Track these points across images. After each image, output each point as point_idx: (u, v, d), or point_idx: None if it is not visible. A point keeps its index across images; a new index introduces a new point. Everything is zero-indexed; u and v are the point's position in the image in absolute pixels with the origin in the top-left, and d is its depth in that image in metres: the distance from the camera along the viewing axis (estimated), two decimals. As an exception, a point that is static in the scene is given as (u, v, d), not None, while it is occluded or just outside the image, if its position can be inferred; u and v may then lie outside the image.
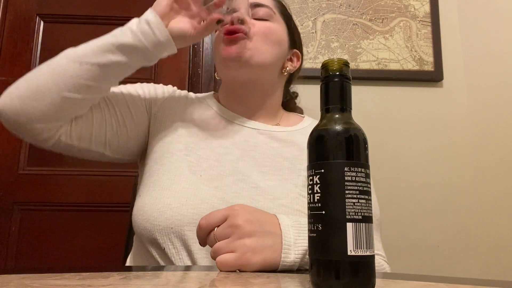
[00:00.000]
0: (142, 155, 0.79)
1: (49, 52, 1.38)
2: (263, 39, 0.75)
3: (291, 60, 0.85)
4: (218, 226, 0.52)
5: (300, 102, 0.96)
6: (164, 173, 0.70)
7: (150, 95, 0.79)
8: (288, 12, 0.85)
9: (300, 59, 0.87)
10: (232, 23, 0.72)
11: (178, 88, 0.85)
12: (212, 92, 0.90)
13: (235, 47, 0.73)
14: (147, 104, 0.78)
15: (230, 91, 0.81)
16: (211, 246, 0.52)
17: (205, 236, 0.53)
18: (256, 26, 0.75)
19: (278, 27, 0.79)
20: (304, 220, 0.51)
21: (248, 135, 0.78)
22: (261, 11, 0.77)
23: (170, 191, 0.66)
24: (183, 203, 0.65)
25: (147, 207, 0.66)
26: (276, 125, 0.82)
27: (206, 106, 0.82)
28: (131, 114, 0.75)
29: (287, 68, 0.82)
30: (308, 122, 0.86)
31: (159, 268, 0.60)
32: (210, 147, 0.74)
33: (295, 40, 0.85)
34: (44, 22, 1.40)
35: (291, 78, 0.89)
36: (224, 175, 0.70)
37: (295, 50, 0.85)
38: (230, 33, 0.73)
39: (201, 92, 0.91)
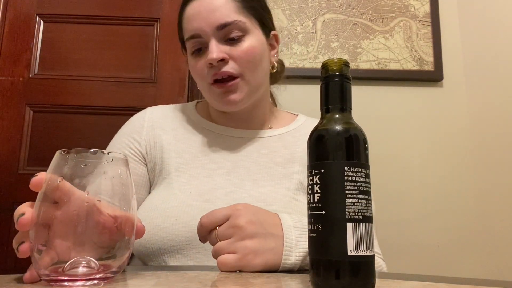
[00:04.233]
0: None
1: (49, 52, 1.40)
2: (251, 67, 0.72)
3: (272, 47, 0.80)
4: (220, 225, 0.52)
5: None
6: (155, 196, 0.71)
7: (141, 155, 0.77)
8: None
9: (278, 38, 0.81)
10: (211, 65, 0.69)
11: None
12: (195, 101, 0.87)
13: (233, 96, 0.71)
14: (147, 170, 0.77)
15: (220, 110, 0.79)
16: (212, 245, 0.52)
17: (206, 234, 0.53)
18: (236, 54, 0.70)
19: (255, 38, 0.73)
20: (306, 220, 0.51)
21: (238, 145, 0.77)
22: (232, 32, 0.70)
23: (159, 211, 0.66)
24: (173, 222, 0.64)
25: None
26: (268, 128, 0.82)
27: (190, 122, 0.81)
28: (146, 190, 0.76)
29: (274, 64, 0.80)
30: (300, 122, 0.84)
31: (159, 268, 0.60)
32: (201, 165, 0.74)
33: (268, 23, 0.78)
34: (44, 22, 1.40)
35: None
36: (215, 189, 0.70)
37: (271, 34, 0.79)
38: (220, 79, 0.70)
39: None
